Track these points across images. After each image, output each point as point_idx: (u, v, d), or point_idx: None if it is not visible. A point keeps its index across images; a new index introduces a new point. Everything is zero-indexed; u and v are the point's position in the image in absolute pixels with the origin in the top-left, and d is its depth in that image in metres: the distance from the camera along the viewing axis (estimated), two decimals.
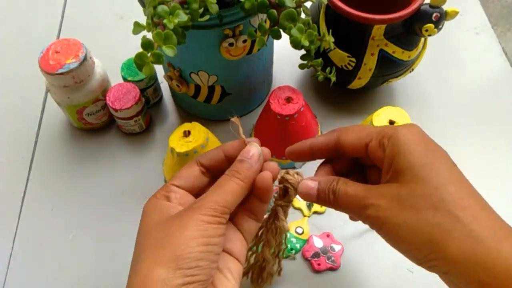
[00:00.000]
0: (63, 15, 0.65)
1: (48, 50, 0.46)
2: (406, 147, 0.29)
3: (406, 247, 0.28)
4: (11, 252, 0.46)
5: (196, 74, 0.46)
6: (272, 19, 0.35)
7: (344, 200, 0.31)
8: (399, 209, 0.28)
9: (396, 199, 0.28)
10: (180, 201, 0.32)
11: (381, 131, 0.31)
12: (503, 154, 0.51)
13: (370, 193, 0.29)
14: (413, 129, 0.30)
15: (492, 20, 0.65)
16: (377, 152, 0.31)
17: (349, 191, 0.31)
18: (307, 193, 0.33)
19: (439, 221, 0.27)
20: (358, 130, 0.33)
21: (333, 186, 0.31)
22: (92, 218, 0.48)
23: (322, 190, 0.32)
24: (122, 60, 0.52)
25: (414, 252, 0.28)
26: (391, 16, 0.43)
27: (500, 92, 0.57)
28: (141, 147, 0.53)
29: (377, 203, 0.29)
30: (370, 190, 0.30)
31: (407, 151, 0.29)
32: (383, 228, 0.29)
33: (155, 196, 0.32)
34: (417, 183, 0.28)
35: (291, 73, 0.59)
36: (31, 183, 0.51)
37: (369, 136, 0.31)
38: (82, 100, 0.49)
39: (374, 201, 0.29)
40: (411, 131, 0.30)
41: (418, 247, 0.27)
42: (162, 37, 0.30)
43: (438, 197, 0.27)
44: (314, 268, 0.44)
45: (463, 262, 0.26)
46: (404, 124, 0.32)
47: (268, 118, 0.45)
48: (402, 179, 0.28)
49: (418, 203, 0.27)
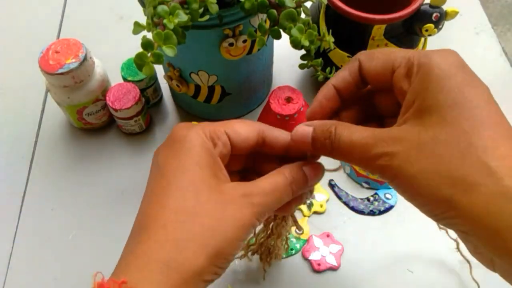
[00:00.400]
0: (63, 15, 0.65)
1: (48, 50, 0.46)
2: (437, 80, 0.23)
3: (421, 202, 0.24)
4: (11, 252, 0.46)
5: (196, 74, 0.46)
6: (272, 19, 0.35)
7: (348, 150, 0.26)
8: (417, 158, 0.23)
9: (415, 145, 0.23)
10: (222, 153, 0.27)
11: (412, 57, 0.25)
12: None
13: (382, 138, 0.24)
14: (450, 57, 0.25)
15: (492, 20, 0.65)
16: (402, 82, 0.25)
17: (354, 138, 0.25)
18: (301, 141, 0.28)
19: (465, 173, 0.22)
20: (385, 54, 0.27)
21: (331, 132, 0.26)
22: (92, 218, 0.48)
23: (317, 138, 0.27)
24: (122, 60, 0.52)
25: (430, 207, 0.24)
26: (391, 16, 0.43)
27: (500, 92, 0.57)
28: (141, 147, 0.53)
29: (390, 151, 0.24)
30: (382, 134, 0.25)
31: (438, 87, 0.23)
32: (394, 180, 0.24)
33: (202, 130, 0.27)
34: (443, 126, 0.23)
35: (291, 73, 0.59)
36: (31, 183, 0.51)
37: (398, 61, 0.26)
38: (82, 100, 0.49)
39: (387, 149, 0.24)
40: (447, 60, 0.24)
41: (436, 202, 0.23)
42: (162, 37, 0.30)
43: (467, 142, 0.22)
44: (314, 268, 0.44)
45: (489, 226, 0.21)
46: (440, 50, 0.25)
47: (268, 118, 0.45)
48: (426, 122, 0.23)
49: (442, 150, 0.22)
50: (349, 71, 0.28)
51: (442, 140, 0.22)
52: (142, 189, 0.29)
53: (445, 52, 0.25)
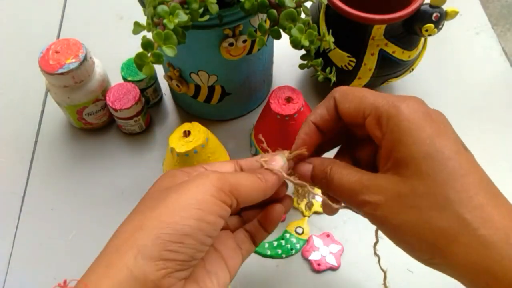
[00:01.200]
0: (63, 15, 0.65)
1: (48, 50, 0.46)
2: (409, 132, 0.25)
3: (407, 249, 0.26)
4: (11, 252, 0.46)
5: (196, 74, 0.46)
6: (272, 19, 0.35)
7: (338, 191, 0.28)
8: (399, 209, 0.25)
9: (396, 196, 0.25)
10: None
11: (381, 106, 0.27)
12: (503, 154, 0.51)
13: (367, 186, 0.26)
14: (416, 107, 0.26)
15: (492, 20, 0.65)
16: (374, 130, 0.27)
17: (343, 182, 0.27)
18: (304, 176, 0.31)
19: (444, 225, 0.24)
20: (357, 97, 0.28)
21: (327, 172, 0.28)
22: (92, 218, 0.48)
23: (315, 175, 0.30)
24: (122, 60, 0.52)
25: (417, 254, 0.26)
26: (391, 16, 0.43)
27: (500, 92, 0.57)
28: (141, 147, 0.53)
29: (373, 201, 0.26)
30: (368, 181, 0.27)
31: (410, 139, 0.25)
32: (382, 228, 0.27)
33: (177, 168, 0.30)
34: (420, 178, 0.24)
35: (291, 73, 0.59)
36: (31, 183, 0.51)
37: (368, 109, 0.27)
38: (82, 100, 0.49)
39: (371, 198, 0.26)
40: (414, 110, 0.26)
41: (421, 250, 0.25)
42: (162, 37, 0.30)
43: (443, 196, 0.24)
44: (314, 268, 0.44)
45: (470, 269, 0.23)
46: (405, 99, 0.27)
47: (268, 118, 0.45)
48: (404, 173, 0.25)
49: (421, 202, 0.24)
50: (327, 109, 0.30)
51: (420, 193, 0.24)
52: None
53: (411, 102, 0.27)
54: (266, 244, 0.45)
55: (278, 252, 0.45)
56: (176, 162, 0.42)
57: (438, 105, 0.55)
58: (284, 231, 0.46)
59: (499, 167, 0.51)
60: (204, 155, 0.42)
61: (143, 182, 0.51)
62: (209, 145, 0.42)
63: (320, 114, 0.31)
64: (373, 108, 0.27)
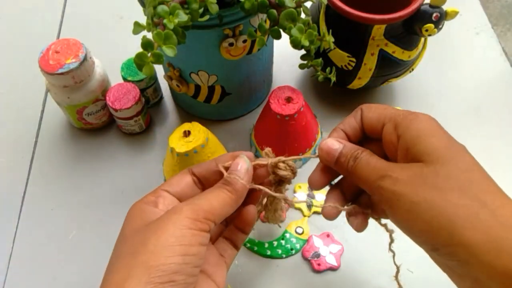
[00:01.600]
0: (63, 15, 0.65)
1: (48, 50, 0.46)
2: (428, 131, 0.28)
3: (421, 228, 0.26)
4: (11, 252, 0.46)
5: (196, 74, 0.46)
6: (272, 19, 0.35)
7: (363, 169, 0.29)
8: (420, 187, 0.26)
9: (418, 176, 0.26)
10: (168, 207, 0.29)
11: (398, 116, 0.30)
12: (503, 154, 0.51)
13: (391, 166, 0.28)
14: (431, 118, 0.29)
15: (492, 20, 0.65)
16: (391, 136, 0.30)
17: (371, 161, 0.29)
18: (328, 153, 0.31)
19: (465, 203, 0.25)
20: (380, 109, 0.32)
21: (357, 153, 0.30)
22: (92, 218, 0.48)
23: (344, 154, 0.31)
24: (122, 60, 0.52)
25: (430, 236, 0.26)
26: (391, 16, 0.43)
27: (500, 92, 0.57)
28: (141, 147, 0.53)
29: (395, 176, 0.27)
30: (393, 164, 0.29)
31: (429, 133, 0.28)
32: (395, 206, 0.27)
33: (141, 201, 0.30)
34: (443, 164, 0.26)
35: (291, 73, 0.59)
36: (31, 183, 0.51)
37: (388, 117, 0.30)
38: (82, 100, 0.49)
39: (393, 174, 0.27)
40: (430, 119, 0.29)
41: (436, 230, 0.25)
42: (162, 37, 0.30)
43: (465, 179, 0.26)
44: (314, 268, 0.44)
45: (488, 249, 0.24)
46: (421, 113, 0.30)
47: (268, 118, 0.45)
48: (427, 159, 0.27)
49: (443, 183, 0.26)
50: (354, 117, 0.33)
51: (443, 175, 0.26)
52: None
53: (427, 115, 0.30)
54: (266, 244, 0.45)
55: (278, 252, 0.45)
56: (176, 162, 0.42)
57: (438, 105, 0.56)
58: (284, 231, 0.46)
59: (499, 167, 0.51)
60: (204, 155, 0.42)
61: (143, 182, 0.51)
62: (209, 145, 0.42)
63: (349, 122, 0.33)
64: (392, 117, 0.30)
